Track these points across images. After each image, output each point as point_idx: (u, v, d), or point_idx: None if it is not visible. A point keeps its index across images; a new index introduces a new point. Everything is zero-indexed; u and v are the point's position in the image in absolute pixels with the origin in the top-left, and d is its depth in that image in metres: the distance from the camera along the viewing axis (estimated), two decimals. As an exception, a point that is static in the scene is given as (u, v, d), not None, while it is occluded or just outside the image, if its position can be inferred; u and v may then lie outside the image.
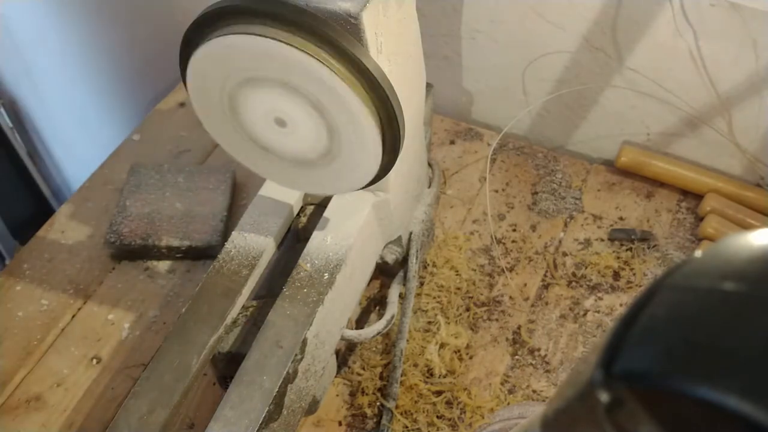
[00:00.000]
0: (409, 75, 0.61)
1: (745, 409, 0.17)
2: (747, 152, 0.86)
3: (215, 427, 0.53)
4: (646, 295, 0.21)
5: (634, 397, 0.20)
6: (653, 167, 0.88)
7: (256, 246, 0.63)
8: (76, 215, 0.87)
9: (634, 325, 0.20)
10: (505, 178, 0.90)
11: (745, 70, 0.79)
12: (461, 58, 0.94)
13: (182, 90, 0.99)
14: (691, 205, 0.87)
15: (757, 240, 0.21)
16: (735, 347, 0.18)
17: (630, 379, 0.20)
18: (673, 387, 0.19)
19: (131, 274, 0.82)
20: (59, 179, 1.40)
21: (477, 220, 0.86)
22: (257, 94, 0.53)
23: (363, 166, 0.56)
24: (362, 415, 0.71)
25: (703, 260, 0.21)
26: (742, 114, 0.83)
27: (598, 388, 0.20)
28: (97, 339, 0.76)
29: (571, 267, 0.82)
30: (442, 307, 0.78)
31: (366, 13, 0.50)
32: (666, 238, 0.84)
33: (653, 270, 0.82)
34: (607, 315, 0.78)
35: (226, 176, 0.87)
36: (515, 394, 0.72)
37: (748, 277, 0.20)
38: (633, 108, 0.89)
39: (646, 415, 0.19)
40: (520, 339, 0.76)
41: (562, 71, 0.89)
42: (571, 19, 0.84)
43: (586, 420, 0.22)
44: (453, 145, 0.94)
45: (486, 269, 0.82)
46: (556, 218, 0.86)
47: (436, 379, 0.73)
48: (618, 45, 0.84)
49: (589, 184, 0.90)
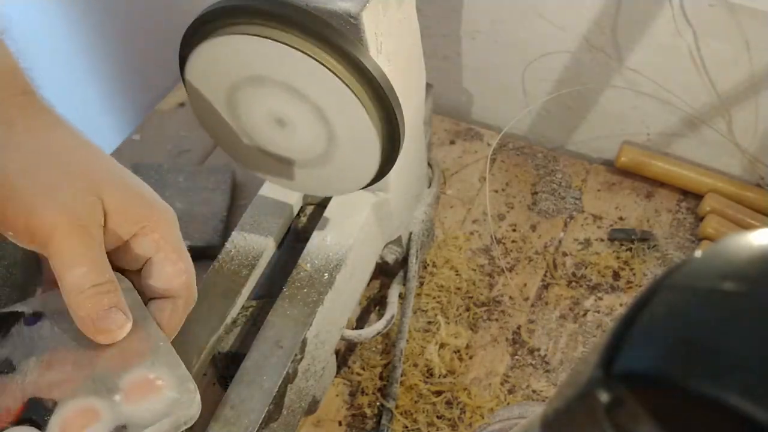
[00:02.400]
0: (409, 75, 0.61)
1: (745, 408, 0.17)
2: (747, 152, 0.86)
3: (215, 427, 0.53)
4: (646, 295, 0.21)
5: (634, 397, 0.20)
6: (653, 167, 0.88)
7: (256, 246, 0.63)
8: (75, 215, 0.87)
9: (634, 324, 0.20)
10: (505, 178, 0.90)
11: (744, 70, 0.79)
12: (461, 58, 0.94)
13: (182, 90, 0.99)
14: (691, 205, 0.87)
15: (757, 240, 0.21)
16: (735, 347, 0.18)
17: (630, 378, 0.20)
18: (673, 386, 0.19)
19: (131, 274, 0.81)
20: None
21: (477, 220, 0.86)
22: (256, 95, 0.53)
23: (363, 166, 0.56)
24: (362, 415, 0.71)
25: (703, 260, 0.21)
26: (742, 114, 0.83)
27: (598, 387, 0.20)
28: (96, 339, 0.76)
29: (571, 267, 0.82)
30: (442, 307, 0.78)
31: (366, 13, 0.50)
32: (666, 238, 0.84)
33: (653, 270, 0.82)
34: (607, 315, 0.78)
35: (226, 176, 0.87)
36: (515, 394, 0.72)
37: (748, 277, 0.20)
38: (633, 108, 0.89)
39: (646, 415, 0.19)
40: (520, 339, 0.76)
41: (562, 71, 0.89)
42: (571, 19, 0.84)
43: (586, 420, 0.22)
44: (453, 145, 0.94)
45: (486, 269, 0.82)
46: (556, 218, 0.86)
47: (435, 379, 0.73)
48: (618, 45, 0.84)
49: (589, 184, 0.90)
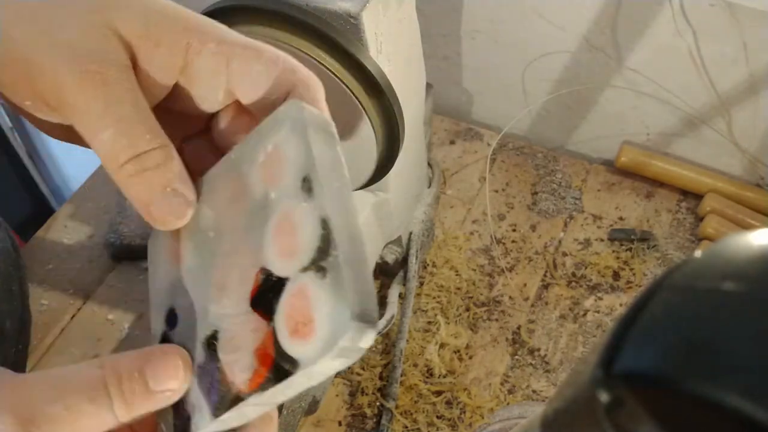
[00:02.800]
0: (409, 75, 0.61)
1: (745, 408, 0.17)
2: (747, 152, 0.86)
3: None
4: (646, 295, 0.21)
5: (634, 397, 0.20)
6: (653, 167, 0.88)
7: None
8: (75, 215, 0.87)
9: (633, 325, 0.20)
10: (505, 178, 0.90)
11: (744, 69, 0.79)
12: (461, 58, 0.94)
13: (182, 90, 0.99)
14: (691, 205, 0.87)
15: (757, 240, 0.21)
16: (735, 347, 0.18)
17: (630, 379, 0.20)
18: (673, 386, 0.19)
19: (131, 274, 0.82)
20: (59, 179, 1.40)
21: (477, 220, 0.86)
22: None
23: (362, 166, 0.56)
24: (362, 415, 0.71)
25: (702, 260, 0.21)
26: (742, 114, 0.83)
27: (598, 388, 0.20)
28: (97, 339, 0.76)
29: (571, 267, 0.82)
30: (442, 307, 0.78)
31: (366, 13, 0.50)
32: (666, 238, 0.84)
33: (653, 270, 0.82)
34: (607, 315, 0.78)
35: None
36: (515, 394, 0.72)
37: (748, 277, 0.20)
38: (633, 108, 0.89)
39: (646, 415, 0.19)
40: (520, 339, 0.76)
41: (562, 71, 0.89)
42: (571, 19, 0.84)
43: (586, 420, 0.22)
44: (453, 145, 0.94)
45: (486, 269, 0.82)
46: (556, 218, 0.86)
47: (435, 379, 0.73)
48: (618, 45, 0.84)
49: (589, 184, 0.90)
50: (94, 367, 0.28)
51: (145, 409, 0.28)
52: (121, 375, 0.28)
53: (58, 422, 0.26)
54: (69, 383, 0.27)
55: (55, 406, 0.27)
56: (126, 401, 0.28)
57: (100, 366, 0.28)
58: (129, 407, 0.28)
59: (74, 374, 0.28)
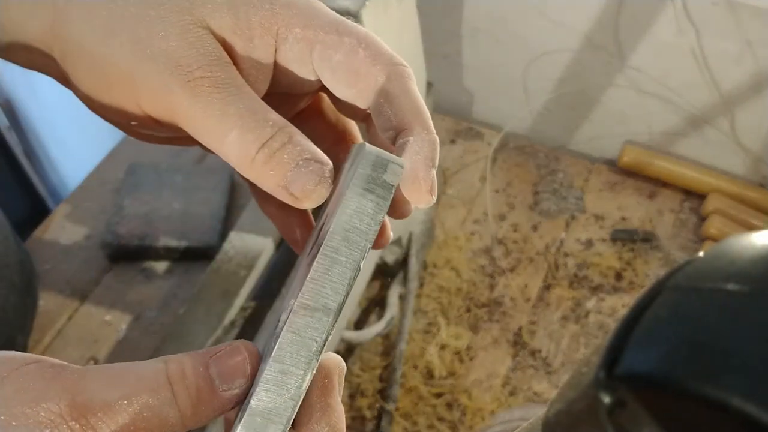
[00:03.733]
0: (409, 73, 0.61)
1: (749, 410, 0.17)
2: (750, 152, 0.85)
3: (214, 429, 0.53)
4: (649, 296, 0.21)
5: (637, 399, 0.19)
6: (656, 167, 0.87)
7: (254, 247, 0.63)
8: (72, 215, 0.87)
9: (636, 326, 0.20)
10: (506, 178, 0.90)
11: (747, 69, 0.79)
12: (462, 57, 0.94)
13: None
14: (694, 205, 0.87)
15: (760, 240, 0.21)
16: (738, 347, 0.18)
17: (632, 380, 0.20)
18: (675, 388, 0.18)
19: (128, 274, 0.81)
20: (56, 179, 1.40)
21: (477, 221, 0.86)
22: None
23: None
24: (361, 417, 0.71)
25: (705, 261, 0.21)
26: (745, 113, 0.83)
27: (600, 389, 0.20)
28: (94, 340, 0.76)
29: (573, 268, 0.81)
30: (443, 308, 0.77)
31: (366, 11, 0.50)
32: (669, 238, 0.84)
33: (656, 270, 0.81)
34: (609, 316, 0.78)
35: (225, 176, 0.86)
36: (516, 396, 0.71)
37: (751, 277, 0.20)
38: (635, 107, 0.88)
39: (649, 417, 0.19)
40: (521, 340, 0.76)
41: (564, 70, 0.89)
42: (572, 18, 0.84)
43: (588, 422, 0.21)
44: (453, 144, 0.94)
45: (487, 270, 0.81)
46: (558, 218, 0.86)
47: (436, 381, 0.72)
48: (620, 44, 0.83)
49: (591, 184, 0.89)
50: (158, 362, 0.27)
51: (210, 409, 0.27)
52: (184, 369, 0.27)
53: (115, 411, 0.25)
54: (129, 373, 0.26)
55: (113, 393, 0.25)
56: (190, 396, 0.27)
57: (163, 361, 0.27)
58: (194, 404, 0.27)
59: (135, 366, 0.27)
